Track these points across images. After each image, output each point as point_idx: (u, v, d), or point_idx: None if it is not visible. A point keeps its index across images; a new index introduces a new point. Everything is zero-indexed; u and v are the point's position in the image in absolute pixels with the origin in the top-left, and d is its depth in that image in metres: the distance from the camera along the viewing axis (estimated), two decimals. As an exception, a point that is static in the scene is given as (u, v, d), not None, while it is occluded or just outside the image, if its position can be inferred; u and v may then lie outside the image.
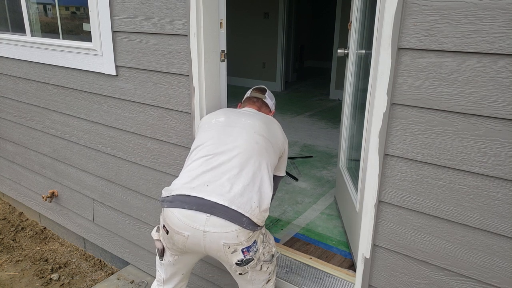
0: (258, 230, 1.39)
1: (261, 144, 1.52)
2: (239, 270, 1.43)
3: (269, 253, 1.51)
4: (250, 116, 1.66)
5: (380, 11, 1.43)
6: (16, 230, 3.30)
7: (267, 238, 1.52)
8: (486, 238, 1.31)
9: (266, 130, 1.60)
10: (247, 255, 1.36)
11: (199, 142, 1.56)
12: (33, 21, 2.67)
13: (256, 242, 1.39)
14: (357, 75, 2.18)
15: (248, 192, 1.36)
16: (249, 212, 1.32)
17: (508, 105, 1.17)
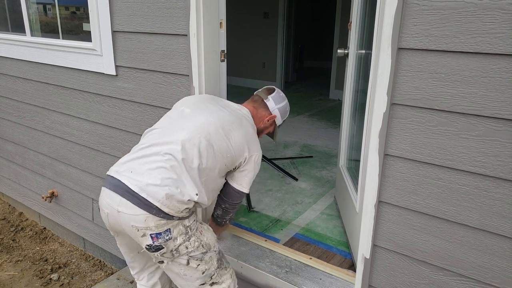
0: (175, 220, 1.42)
1: (199, 147, 1.47)
2: (153, 258, 1.47)
3: (198, 249, 1.50)
4: (217, 115, 1.57)
5: (380, 11, 1.43)
6: (16, 230, 3.30)
7: (198, 234, 1.51)
8: (485, 238, 1.31)
9: (218, 136, 1.52)
10: (156, 241, 1.41)
11: (153, 126, 1.61)
12: (33, 21, 2.67)
13: (169, 230, 1.41)
14: (357, 75, 2.18)
15: (163, 184, 1.39)
16: (159, 202, 1.37)
17: (508, 105, 1.17)
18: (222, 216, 1.78)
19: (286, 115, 1.86)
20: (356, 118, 2.15)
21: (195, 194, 1.44)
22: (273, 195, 2.75)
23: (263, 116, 1.78)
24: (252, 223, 2.37)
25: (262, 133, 1.83)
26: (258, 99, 1.80)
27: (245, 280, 1.95)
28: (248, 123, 1.65)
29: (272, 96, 1.80)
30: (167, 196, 1.38)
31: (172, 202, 1.39)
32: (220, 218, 1.79)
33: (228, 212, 1.75)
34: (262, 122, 1.78)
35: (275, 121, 1.82)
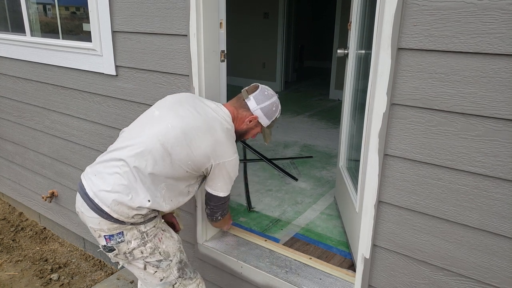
0: (127, 225, 1.45)
1: (155, 155, 1.45)
2: (111, 257, 1.52)
3: (154, 255, 1.52)
4: (183, 121, 1.51)
5: (380, 11, 1.43)
6: (16, 230, 3.30)
7: (156, 241, 1.52)
8: (485, 238, 1.31)
9: (178, 143, 1.47)
10: (108, 243, 1.47)
11: (127, 127, 1.63)
12: (33, 21, 2.67)
13: (122, 233, 1.45)
14: (357, 75, 2.18)
15: (114, 190, 1.42)
16: (108, 207, 1.40)
17: (507, 105, 1.17)
18: (211, 215, 1.75)
19: (274, 115, 1.71)
20: (356, 118, 2.15)
21: (147, 200, 1.44)
22: (273, 195, 2.75)
23: (243, 117, 1.66)
24: (252, 223, 2.37)
25: (247, 134, 1.73)
26: (240, 98, 1.69)
27: (244, 280, 1.96)
28: (221, 128, 1.55)
29: (254, 95, 1.66)
30: (115, 202, 1.41)
31: (121, 208, 1.41)
32: (209, 216, 1.77)
33: (214, 211, 1.72)
34: (244, 123, 1.67)
35: (260, 122, 1.69)
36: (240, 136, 1.72)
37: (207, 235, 2.14)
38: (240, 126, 1.68)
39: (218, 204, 1.68)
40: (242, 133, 1.71)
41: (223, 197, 1.65)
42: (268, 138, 1.77)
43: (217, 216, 1.75)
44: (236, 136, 1.67)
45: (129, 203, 1.42)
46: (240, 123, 1.67)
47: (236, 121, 1.67)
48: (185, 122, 1.50)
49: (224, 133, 1.55)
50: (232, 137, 1.60)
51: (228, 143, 1.56)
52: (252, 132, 1.73)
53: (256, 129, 1.72)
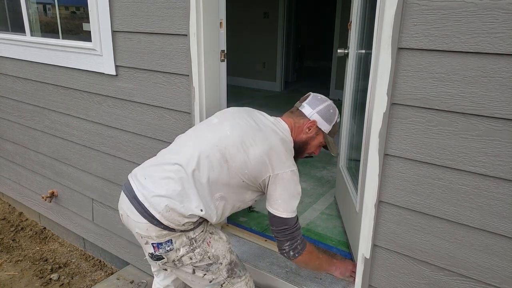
0: (176, 232, 1.39)
1: (212, 160, 1.40)
2: (159, 265, 1.48)
3: (204, 260, 1.47)
4: (241, 128, 1.47)
5: (380, 11, 1.43)
6: (16, 230, 3.30)
7: (205, 245, 1.47)
8: (486, 238, 1.31)
9: (235, 150, 1.42)
10: (157, 251, 1.42)
11: (181, 135, 1.60)
12: (32, 21, 2.67)
13: (171, 241, 1.40)
14: (357, 75, 2.18)
15: (166, 195, 1.37)
16: (159, 213, 1.36)
17: (508, 105, 1.17)
18: (279, 246, 1.52)
19: (333, 118, 1.58)
20: (356, 118, 2.15)
21: (200, 210, 1.39)
22: (273, 195, 2.74)
23: (301, 125, 1.56)
24: (252, 223, 2.37)
25: (308, 146, 1.59)
26: (294, 109, 1.61)
27: (245, 280, 1.96)
28: (278, 138, 1.47)
29: (307, 101, 1.59)
30: (167, 208, 1.36)
31: (173, 215, 1.36)
32: (280, 250, 1.53)
33: (280, 241, 1.50)
34: (303, 132, 1.56)
35: (320, 128, 1.57)
36: (300, 149, 1.58)
37: (207, 235, 2.14)
38: (299, 136, 1.57)
39: (281, 229, 1.47)
40: (302, 144, 1.58)
41: (286, 219, 1.44)
42: (334, 148, 1.62)
43: (285, 247, 1.49)
44: (296, 149, 1.56)
45: (181, 210, 1.36)
46: (299, 133, 1.57)
47: (294, 132, 1.56)
48: (243, 130, 1.46)
49: (281, 142, 1.47)
50: (290, 150, 1.51)
51: (286, 154, 1.46)
52: (313, 143, 1.59)
53: (318, 138, 1.59)
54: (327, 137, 1.59)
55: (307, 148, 1.60)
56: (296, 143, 1.55)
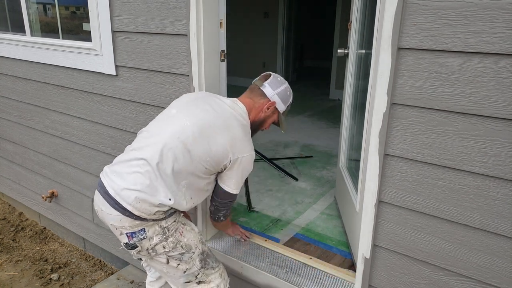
0: (149, 222, 1.47)
1: (175, 152, 1.47)
2: (133, 254, 1.54)
3: (176, 249, 1.54)
4: (201, 118, 1.53)
5: (380, 11, 1.43)
6: (16, 230, 3.30)
7: (178, 235, 1.55)
8: (486, 238, 1.31)
9: (197, 140, 1.49)
10: (131, 240, 1.48)
11: (145, 128, 1.63)
12: (33, 21, 2.67)
13: (144, 230, 1.47)
14: (357, 75, 2.18)
15: (135, 188, 1.44)
16: (130, 205, 1.42)
17: (508, 105, 1.17)
18: (214, 212, 1.74)
19: (289, 100, 1.73)
20: (356, 118, 2.14)
21: (168, 199, 1.46)
22: (273, 195, 2.74)
23: (261, 105, 1.67)
24: (252, 223, 2.37)
25: (265, 123, 1.74)
26: (255, 88, 1.70)
27: (245, 280, 1.95)
28: (237, 124, 1.58)
29: (269, 81, 1.69)
30: (137, 199, 1.42)
31: (143, 205, 1.43)
32: (213, 214, 1.76)
33: (219, 209, 1.71)
34: (262, 111, 1.68)
35: (277, 108, 1.71)
36: (258, 127, 1.72)
37: (207, 235, 2.14)
38: (258, 115, 1.69)
39: (225, 202, 1.67)
40: (260, 122, 1.72)
41: (233, 195, 1.64)
42: (285, 126, 1.79)
43: (220, 215, 1.74)
44: (254, 127, 1.69)
45: (151, 200, 1.44)
46: (258, 112, 1.68)
47: (254, 111, 1.68)
48: (202, 119, 1.53)
49: (241, 129, 1.58)
50: (248, 133, 1.63)
51: (245, 139, 1.58)
52: (269, 121, 1.74)
53: (273, 116, 1.73)
54: (281, 116, 1.74)
55: (264, 125, 1.74)
56: (255, 121, 1.69)
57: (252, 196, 2.70)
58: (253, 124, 1.68)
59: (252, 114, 1.67)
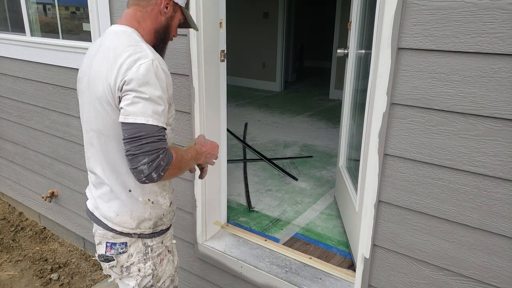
0: (133, 237, 1.31)
1: (95, 141, 1.27)
2: (104, 268, 1.37)
3: (147, 277, 1.35)
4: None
5: (380, 11, 1.43)
6: (16, 230, 3.30)
7: (158, 261, 1.36)
8: (485, 238, 1.31)
9: (94, 92, 1.19)
10: (108, 251, 1.32)
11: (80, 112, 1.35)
12: (32, 21, 2.67)
13: (125, 244, 1.31)
14: (357, 75, 2.18)
15: (106, 198, 1.31)
16: (109, 221, 1.30)
17: (507, 105, 1.17)
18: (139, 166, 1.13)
19: None
20: (356, 118, 2.15)
21: (128, 190, 1.28)
22: (273, 195, 2.75)
23: (154, 6, 1.26)
24: (252, 223, 2.37)
25: (170, 28, 1.32)
26: None
27: (245, 280, 1.96)
28: (112, 56, 1.17)
29: None
30: (115, 214, 1.30)
31: (123, 218, 1.30)
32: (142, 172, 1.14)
33: (137, 156, 1.12)
34: (161, 14, 1.27)
35: (176, 3, 1.30)
36: (164, 38, 1.32)
37: (207, 235, 2.14)
38: (158, 21, 1.28)
39: (137, 139, 1.10)
40: (164, 29, 1.30)
41: (142, 124, 1.10)
42: (194, 23, 1.42)
43: (142, 168, 1.10)
44: (160, 40, 1.31)
45: (125, 214, 1.30)
46: (155, 19, 1.27)
47: (148, 19, 1.26)
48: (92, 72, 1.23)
49: (117, 41, 1.19)
50: (135, 42, 1.20)
51: (127, 43, 1.18)
52: (174, 24, 1.33)
53: (177, 16, 1.33)
54: (185, 11, 1.35)
55: (170, 32, 1.33)
56: (156, 33, 1.29)
57: (252, 196, 2.71)
58: (157, 35, 1.29)
59: (146, 24, 1.26)
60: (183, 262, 2.25)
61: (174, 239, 1.50)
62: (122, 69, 1.13)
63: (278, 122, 4.67)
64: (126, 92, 1.12)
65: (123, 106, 1.12)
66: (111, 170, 1.28)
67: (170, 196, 1.40)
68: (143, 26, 1.26)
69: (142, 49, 1.17)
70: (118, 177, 1.27)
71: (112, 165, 1.27)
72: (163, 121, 1.14)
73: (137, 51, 1.16)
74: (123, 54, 1.15)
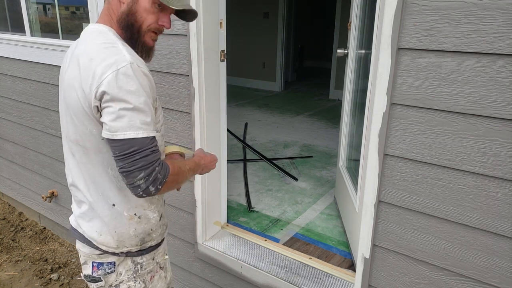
0: (120, 256, 1.22)
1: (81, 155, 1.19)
2: (94, 286, 1.26)
3: None
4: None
5: (379, 11, 1.43)
6: (16, 230, 3.30)
7: (148, 279, 1.28)
8: (485, 238, 1.31)
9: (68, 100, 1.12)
10: (95, 272, 1.22)
11: None
12: (32, 21, 2.67)
13: (113, 263, 1.22)
14: (357, 75, 2.18)
15: (86, 218, 1.21)
16: (94, 240, 1.20)
17: (507, 105, 1.17)
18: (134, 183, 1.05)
19: None
20: (356, 118, 2.15)
21: (112, 204, 1.18)
22: (273, 195, 2.75)
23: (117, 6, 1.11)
24: (252, 223, 2.37)
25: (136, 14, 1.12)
26: None
27: (245, 280, 1.96)
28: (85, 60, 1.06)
29: None
30: (98, 233, 1.20)
31: (107, 240, 1.20)
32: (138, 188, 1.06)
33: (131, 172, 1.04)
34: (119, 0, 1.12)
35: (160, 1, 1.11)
36: (135, 33, 1.15)
37: (207, 235, 2.14)
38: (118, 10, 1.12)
39: (130, 155, 1.02)
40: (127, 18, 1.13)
41: (133, 139, 1.02)
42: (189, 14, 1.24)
43: (139, 183, 1.03)
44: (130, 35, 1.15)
45: (108, 232, 1.19)
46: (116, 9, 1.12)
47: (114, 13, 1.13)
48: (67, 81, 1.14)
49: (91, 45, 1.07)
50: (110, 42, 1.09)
51: (101, 45, 1.07)
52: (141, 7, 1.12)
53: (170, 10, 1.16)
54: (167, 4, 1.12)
55: (138, 20, 1.12)
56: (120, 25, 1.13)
57: (252, 196, 2.71)
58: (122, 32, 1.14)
59: (115, 19, 1.13)
60: (183, 262, 2.25)
61: (174, 239, 1.47)
62: (96, 74, 1.02)
63: (278, 122, 4.67)
64: (107, 104, 1.01)
65: (107, 122, 1.02)
66: (92, 182, 1.18)
67: (159, 209, 1.29)
68: (115, 22, 1.12)
69: (117, 51, 1.06)
70: (99, 190, 1.18)
71: (92, 178, 1.18)
72: (152, 129, 1.05)
73: (113, 53, 1.05)
74: (97, 58, 1.04)
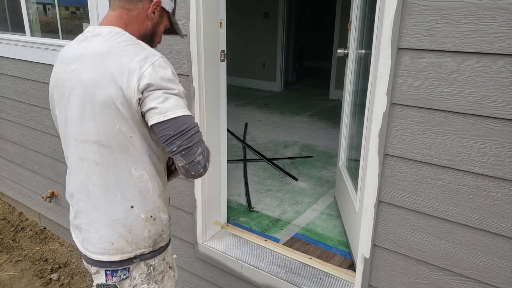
0: (135, 261, 1.22)
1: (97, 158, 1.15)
2: None
3: None
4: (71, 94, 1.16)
5: (380, 11, 1.43)
6: (16, 230, 3.30)
7: (159, 279, 1.29)
8: (485, 238, 1.31)
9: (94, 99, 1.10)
10: (110, 280, 1.21)
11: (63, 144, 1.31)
12: (32, 21, 2.67)
13: (128, 269, 1.22)
14: (357, 75, 2.18)
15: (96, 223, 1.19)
16: (106, 255, 1.19)
17: (507, 105, 1.17)
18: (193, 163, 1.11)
19: None
20: (356, 118, 2.15)
21: (130, 206, 1.17)
22: (273, 195, 2.75)
23: (141, 10, 1.20)
24: (252, 223, 2.37)
25: (155, 35, 1.27)
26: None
27: (245, 280, 1.96)
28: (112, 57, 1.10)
29: None
30: (110, 241, 1.19)
31: (117, 247, 1.19)
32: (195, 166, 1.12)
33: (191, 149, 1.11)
34: (148, 19, 1.22)
35: (164, 8, 1.25)
36: (149, 43, 1.24)
37: (207, 235, 2.14)
38: (144, 25, 1.22)
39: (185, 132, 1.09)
40: (150, 34, 1.25)
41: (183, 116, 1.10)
42: (180, 29, 1.38)
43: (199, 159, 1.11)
44: None
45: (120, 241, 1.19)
46: (141, 23, 1.21)
47: (134, 23, 1.20)
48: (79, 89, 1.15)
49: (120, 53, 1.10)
50: (130, 39, 1.15)
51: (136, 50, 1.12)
52: (160, 29, 1.28)
53: (163, 22, 1.28)
54: (173, 17, 1.31)
55: (155, 37, 1.28)
56: (142, 38, 1.21)
57: (252, 196, 2.71)
58: (143, 39, 1.23)
59: (132, 29, 1.20)
60: (183, 262, 2.25)
61: (174, 239, 1.47)
62: (133, 69, 1.07)
63: (278, 122, 4.67)
64: (151, 92, 1.08)
65: (156, 105, 1.08)
66: (112, 185, 1.17)
67: (168, 209, 1.31)
68: (130, 30, 1.18)
69: (142, 46, 1.13)
70: (119, 192, 1.17)
71: (113, 180, 1.16)
72: None
73: (139, 49, 1.11)
74: (127, 54, 1.09)
